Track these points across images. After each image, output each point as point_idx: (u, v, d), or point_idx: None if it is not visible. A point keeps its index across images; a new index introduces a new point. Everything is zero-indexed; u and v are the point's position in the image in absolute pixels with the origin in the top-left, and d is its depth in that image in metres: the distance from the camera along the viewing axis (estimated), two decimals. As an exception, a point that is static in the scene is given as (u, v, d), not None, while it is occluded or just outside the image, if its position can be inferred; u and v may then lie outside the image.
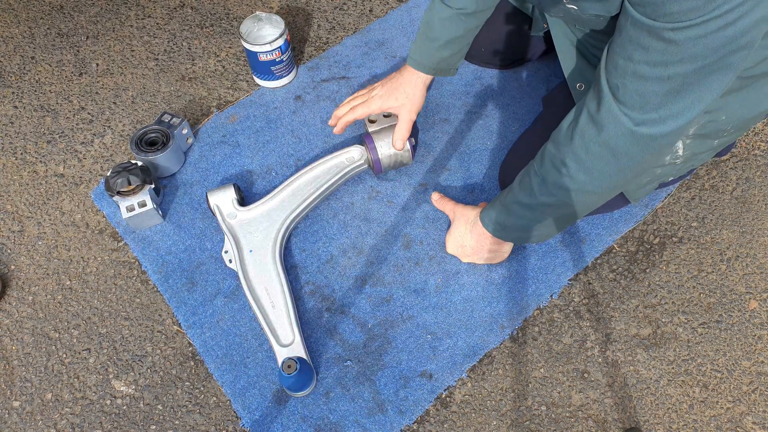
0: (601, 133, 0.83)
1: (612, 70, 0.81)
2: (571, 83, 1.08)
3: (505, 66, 1.41)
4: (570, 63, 1.07)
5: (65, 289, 1.21)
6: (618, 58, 0.79)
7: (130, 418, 1.09)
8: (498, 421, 1.08)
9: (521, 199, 0.98)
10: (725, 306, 1.17)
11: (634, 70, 0.78)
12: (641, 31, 0.75)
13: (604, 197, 0.96)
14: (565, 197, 0.93)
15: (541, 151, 0.94)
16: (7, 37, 1.53)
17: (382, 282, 1.19)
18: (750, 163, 1.31)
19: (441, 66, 1.20)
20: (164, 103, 1.43)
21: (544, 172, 0.92)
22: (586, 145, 0.86)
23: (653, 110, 0.79)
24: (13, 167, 1.35)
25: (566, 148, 0.88)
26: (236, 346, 1.14)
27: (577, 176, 0.89)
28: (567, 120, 0.90)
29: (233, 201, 1.21)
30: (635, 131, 0.81)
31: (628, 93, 0.80)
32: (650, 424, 1.08)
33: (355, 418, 1.08)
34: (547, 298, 1.18)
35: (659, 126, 0.80)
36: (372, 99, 1.24)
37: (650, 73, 0.76)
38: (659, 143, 0.83)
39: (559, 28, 1.06)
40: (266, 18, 1.36)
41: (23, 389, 1.12)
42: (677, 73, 0.75)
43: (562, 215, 0.98)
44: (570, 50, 1.07)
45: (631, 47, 0.77)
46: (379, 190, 1.29)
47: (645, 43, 0.75)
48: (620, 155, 0.85)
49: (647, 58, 0.76)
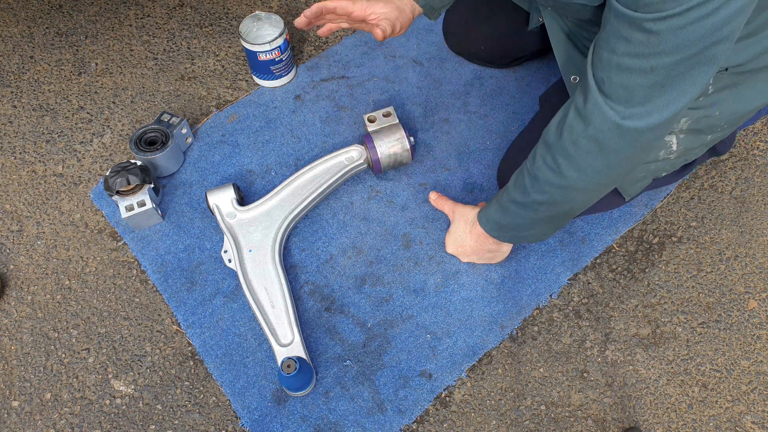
0: (588, 127, 0.84)
1: (597, 63, 0.81)
2: (565, 76, 1.08)
3: (505, 65, 1.41)
4: (564, 55, 1.08)
5: (64, 289, 1.21)
6: (602, 50, 0.80)
7: (129, 418, 1.09)
8: (497, 421, 1.08)
9: (516, 198, 0.98)
10: (724, 306, 1.17)
11: (618, 62, 0.78)
12: (623, 22, 0.75)
13: (595, 194, 0.96)
14: (557, 194, 0.93)
15: (533, 150, 0.95)
16: (6, 36, 1.52)
17: (381, 282, 1.19)
18: (749, 163, 1.31)
19: (433, 1, 1.11)
20: (163, 102, 1.42)
21: (535, 169, 0.93)
22: (574, 140, 0.86)
23: (639, 104, 0.80)
24: (12, 167, 1.34)
25: (556, 145, 0.89)
26: (236, 346, 1.14)
27: (567, 173, 0.89)
28: (557, 117, 0.90)
29: (233, 201, 1.21)
30: (621, 124, 0.81)
31: (613, 86, 0.80)
32: (649, 424, 1.08)
33: (355, 417, 1.08)
34: (547, 298, 1.18)
35: (645, 119, 0.81)
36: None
37: (633, 65, 0.77)
38: (646, 137, 0.84)
39: (553, 20, 1.07)
40: (266, 17, 1.36)
41: (22, 389, 1.12)
42: (660, 64, 0.75)
43: (556, 213, 0.98)
44: (564, 42, 1.07)
45: (614, 39, 0.77)
46: (379, 189, 1.29)
47: (627, 34, 0.75)
48: (608, 150, 0.85)
49: (630, 49, 0.76)
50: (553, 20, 1.07)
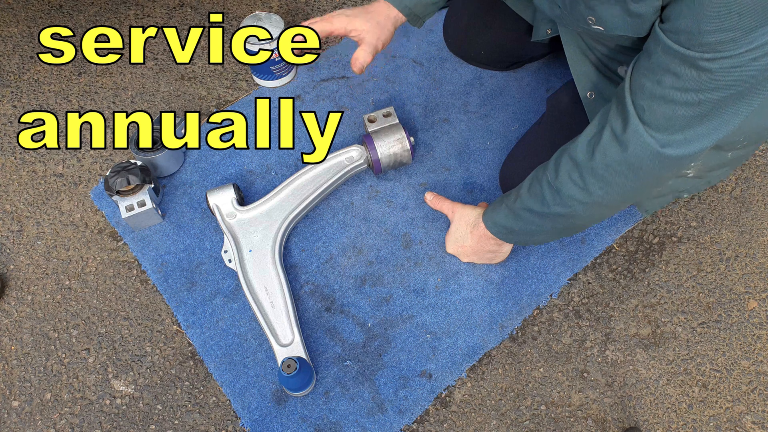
0: (625, 152, 0.84)
1: (638, 92, 0.81)
2: (581, 91, 1.07)
3: (505, 68, 1.41)
4: (581, 71, 1.07)
5: (64, 289, 1.21)
6: (645, 80, 0.80)
7: (129, 418, 1.09)
8: (497, 421, 1.08)
9: (532, 207, 0.98)
10: (724, 306, 1.17)
11: (663, 94, 0.78)
12: (673, 58, 0.75)
13: (617, 209, 0.97)
14: (580, 209, 0.93)
15: (555, 163, 0.94)
16: (6, 36, 1.52)
17: (381, 282, 1.19)
18: (749, 163, 1.31)
19: (417, 9, 1.10)
20: (163, 102, 1.42)
21: (559, 184, 0.92)
22: (608, 164, 0.86)
23: (679, 131, 0.80)
24: (12, 167, 1.34)
25: (586, 165, 0.88)
26: (236, 346, 1.14)
27: (594, 191, 0.89)
28: (587, 135, 0.90)
29: (233, 201, 1.21)
30: (661, 153, 0.82)
31: (654, 115, 0.80)
32: (649, 424, 1.08)
33: (355, 417, 1.08)
34: (547, 298, 1.18)
35: (684, 147, 0.81)
36: (337, 15, 1.08)
37: (680, 98, 0.77)
38: (682, 163, 0.84)
39: (570, 37, 1.06)
40: (266, 17, 1.36)
41: (22, 389, 1.12)
42: (708, 99, 0.76)
43: (573, 224, 0.99)
44: (581, 59, 1.06)
45: (661, 72, 0.77)
46: (379, 189, 1.29)
47: (676, 70, 0.75)
48: (642, 173, 0.85)
49: (678, 84, 0.76)
50: (571, 37, 1.06)
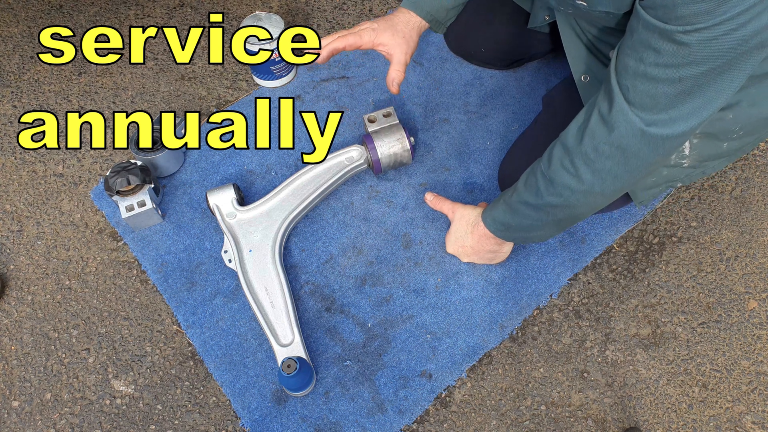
0: (612, 133, 0.84)
1: (622, 72, 0.82)
2: (575, 74, 1.08)
3: (505, 66, 1.41)
4: (575, 54, 1.08)
5: (64, 289, 1.21)
6: (628, 59, 0.80)
7: (129, 418, 1.09)
8: (497, 421, 1.08)
9: (527, 200, 0.98)
10: (724, 306, 1.17)
11: (644, 71, 0.79)
12: (652, 33, 0.76)
13: (610, 198, 0.96)
14: (572, 198, 0.93)
15: (549, 153, 0.94)
16: (6, 36, 1.52)
17: (381, 282, 1.19)
18: (749, 163, 1.31)
19: (438, 15, 1.13)
20: (163, 102, 1.42)
21: (552, 173, 0.93)
22: (596, 145, 0.86)
23: (663, 111, 0.80)
24: (12, 167, 1.34)
25: (576, 149, 0.89)
26: (236, 346, 1.14)
27: (585, 177, 0.89)
28: (577, 121, 0.91)
29: (233, 201, 1.21)
30: (646, 131, 0.82)
31: (638, 94, 0.80)
32: (649, 424, 1.08)
33: (355, 417, 1.08)
34: (547, 298, 1.18)
35: (669, 127, 0.81)
36: (364, 30, 1.10)
37: (661, 74, 0.77)
38: (670, 144, 0.85)
39: (565, 20, 1.07)
40: (266, 17, 1.36)
41: (22, 389, 1.12)
42: (688, 75, 0.76)
43: (568, 216, 0.98)
44: (575, 41, 1.07)
45: (642, 49, 0.78)
46: (379, 189, 1.29)
47: (656, 45, 0.76)
48: (630, 155, 0.86)
49: (658, 60, 0.77)
50: (565, 20, 1.07)
